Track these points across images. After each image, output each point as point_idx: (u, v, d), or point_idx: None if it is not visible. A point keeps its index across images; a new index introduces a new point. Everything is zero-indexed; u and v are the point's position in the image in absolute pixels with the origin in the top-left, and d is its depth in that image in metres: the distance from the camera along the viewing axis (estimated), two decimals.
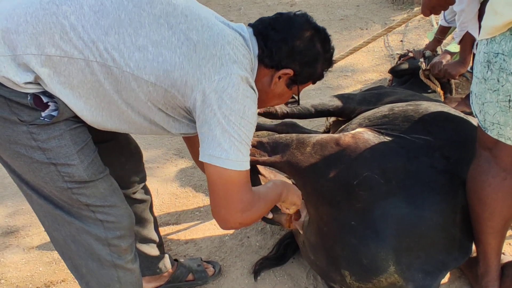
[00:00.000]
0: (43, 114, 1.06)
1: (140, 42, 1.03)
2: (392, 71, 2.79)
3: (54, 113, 1.07)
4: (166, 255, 1.72)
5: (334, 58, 1.30)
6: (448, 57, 2.46)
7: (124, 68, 1.03)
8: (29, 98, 1.04)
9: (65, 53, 1.01)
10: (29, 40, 1.00)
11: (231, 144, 1.04)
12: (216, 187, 1.09)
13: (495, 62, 1.10)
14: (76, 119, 1.13)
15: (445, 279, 1.60)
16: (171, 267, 1.72)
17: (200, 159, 1.08)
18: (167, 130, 1.19)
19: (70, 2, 1.02)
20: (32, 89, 1.04)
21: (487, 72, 1.14)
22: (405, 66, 2.69)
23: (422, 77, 2.51)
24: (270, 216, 1.51)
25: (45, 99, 1.06)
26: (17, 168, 1.16)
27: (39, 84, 1.05)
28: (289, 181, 1.90)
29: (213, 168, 1.06)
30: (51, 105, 1.06)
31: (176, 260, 1.77)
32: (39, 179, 1.14)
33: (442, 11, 2.56)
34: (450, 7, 2.41)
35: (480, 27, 2.09)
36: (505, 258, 1.51)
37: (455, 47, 2.50)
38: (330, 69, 1.30)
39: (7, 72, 1.00)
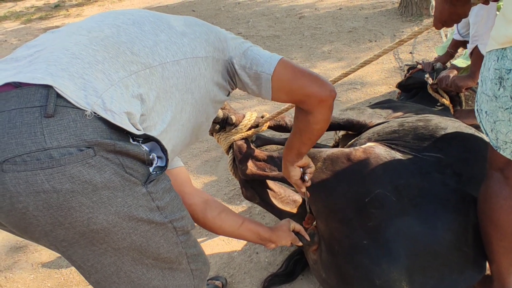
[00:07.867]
0: (150, 168, 0.92)
1: (179, 29, 1.05)
2: (400, 85, 2.79)
3: (161, 164, 0.95)
4: None
5: (344, 71, 1.28)
6: (455, 72, 2.45)
7: (188, 55, 1.03)
8: (144, 148, 0.90)
9: (144, 65, 0.94)
10: (114, 64, 0.90)
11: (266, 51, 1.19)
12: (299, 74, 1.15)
13: (508, 78, 1.07)
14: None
15: None
16: None
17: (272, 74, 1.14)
18: (206, 126, 1.20)
19: (107, 26, 0.97)
20: (139, 131, 0.89)
21: (499, 89, 1.11)
22: (411, 81, 2.69)
23: (430, 91, 2.50)
24: (300, 244, 1.53)
25: (146, 147, 0.92)
26: (119, 252, 0.93)
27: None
28: (297, 195, 1.89)
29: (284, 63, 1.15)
30: (154, 155, 0.93)
31: None
32: (151, 248, 0.97)
33: (456, 24, 2.56)
34: (464, 20, 2.42)
35: None
36: None
37: (462, 62, 2.49)
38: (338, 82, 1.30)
39: (119, 107, 0.85)
